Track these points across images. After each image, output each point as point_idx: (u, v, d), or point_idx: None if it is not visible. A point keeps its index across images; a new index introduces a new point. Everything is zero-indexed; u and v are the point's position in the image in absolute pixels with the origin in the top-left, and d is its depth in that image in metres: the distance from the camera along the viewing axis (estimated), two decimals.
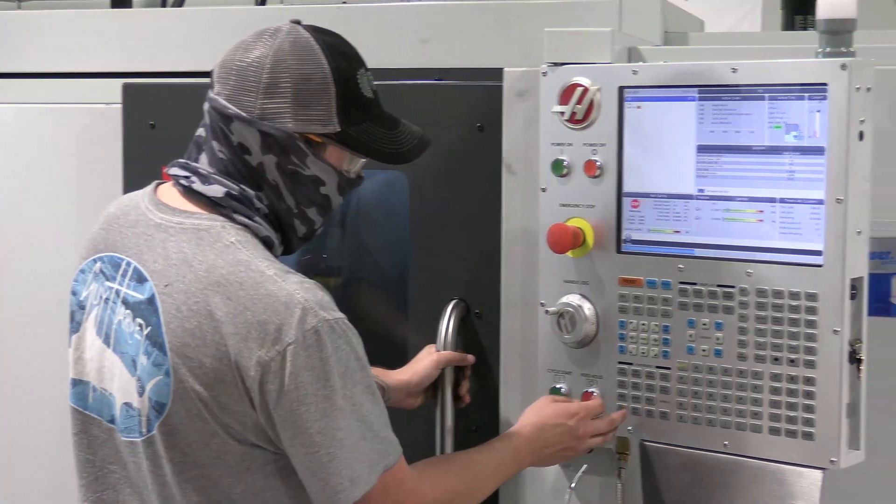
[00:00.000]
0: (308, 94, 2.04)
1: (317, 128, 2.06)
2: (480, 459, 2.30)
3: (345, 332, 2.00)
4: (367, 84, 2.13)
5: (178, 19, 3.09)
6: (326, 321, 1.97)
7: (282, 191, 2.08)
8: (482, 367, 2.64)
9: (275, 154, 2.05)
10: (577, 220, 2.43)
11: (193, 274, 1.99)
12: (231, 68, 2.07)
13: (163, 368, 1.99)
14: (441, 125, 2.66)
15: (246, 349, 1.94)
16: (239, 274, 1.97)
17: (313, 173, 2.09)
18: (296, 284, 1.98)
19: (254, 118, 2.04)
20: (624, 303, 2.41)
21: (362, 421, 2.01)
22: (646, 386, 2.39)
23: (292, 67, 2.04)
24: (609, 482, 2.54)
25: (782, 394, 2.25)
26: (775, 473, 2.29)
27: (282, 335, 1.94)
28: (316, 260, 3.10)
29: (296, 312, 1.95)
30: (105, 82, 3.02)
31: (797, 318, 2.23)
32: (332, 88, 2.05)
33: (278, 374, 1.94)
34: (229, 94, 2.06)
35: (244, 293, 1.95)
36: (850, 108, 2.16)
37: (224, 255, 1.99)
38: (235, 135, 2.05)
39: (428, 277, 2.70)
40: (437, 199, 2.68)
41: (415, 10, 2.84)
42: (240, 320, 1.95)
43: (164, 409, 2.00)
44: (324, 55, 2.06)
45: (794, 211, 2.24)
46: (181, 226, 2.05)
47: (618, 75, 2.39)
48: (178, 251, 2.02)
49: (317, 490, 2.01)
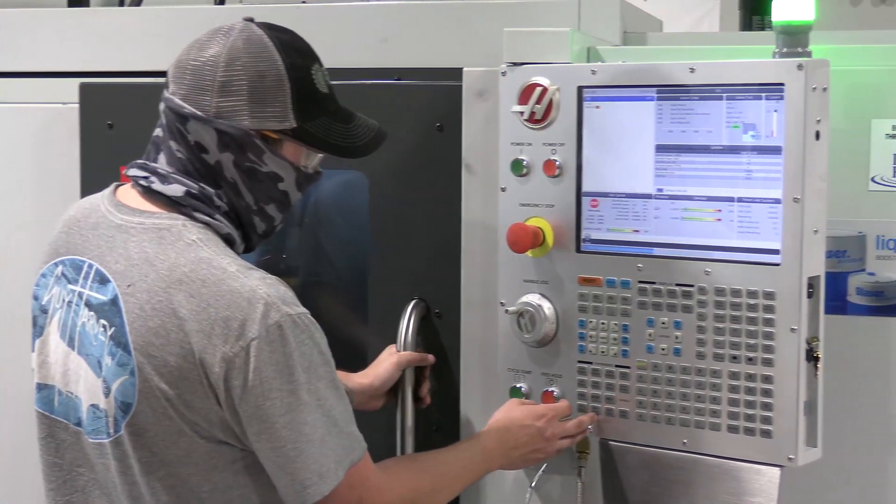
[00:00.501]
0: (263, 91, 2.04)
1: (273, 124, 2.06)
2: (447, 459, 2.30)
3: (308, 327, 2.00)
4: (322, 79, 2.14)
5: (135, 18, 3.07)
6: (289, 316, 1.97)
7: (240, 188, 2.08)
8: (442, 367, 2.64)
9: (231, 152, 2.06)
10: (536, 220, 2.44)
11: (156, 273, 1.99)
12: (185, 68, 2.07)
13: (128, 368, 1.99)
14: (400, 125, 2.65)
15: (210, 346, 1.94)
16: (201, 271, 1.97)
17: (271, 170, 2.09)
18: (258, 280, 1.98)
19: (209, 117, 2.04)
20: (583, 302, 2.41)
21: (328, 416, 2.01)
22: (605, 385, 2.40)
23: (247, 65, 2.04)
24: (569, 481, 2.55)
25: (741, 392, 2.27)
26: (734, 471, 2.30)
27: (245, 331, 1.94)
28: (275, 260, 3.09)
29: (258, 308, 1.95)
30: (62, 82, 3.00)
31: (755, 317, 2.24)
32: (287, 85, 2.06)
33: (242, 370, 1.94)
34: (185, 93, 2.06)
35: (207, 290, 1.96)
36: (806, 108, 2.18)
37: (186, 253, 1.99)
38: (192, 134, 2.06)
39: (388, 277, 2.70)
40: (397, 199, 2.68)
41: (374, 10, 2.84)
42: (203, 317, 1.95)
43: (131, 409, 2.00)
44: (278, 52, 2.06)
45: (751, 210, 2.25)
46: (142, 226, 2.05)
47: (577, 75, 2.40)
48: (139, 251, 2.02)
49: (285, 485, 2.01)
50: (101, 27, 3.04)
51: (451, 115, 2.61)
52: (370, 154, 2.23)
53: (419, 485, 2.21)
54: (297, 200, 2.18)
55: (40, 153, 3.05)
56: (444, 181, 2.63)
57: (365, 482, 2.07)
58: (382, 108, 2.66)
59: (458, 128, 2.61)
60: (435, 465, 2.28)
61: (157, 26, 2.97)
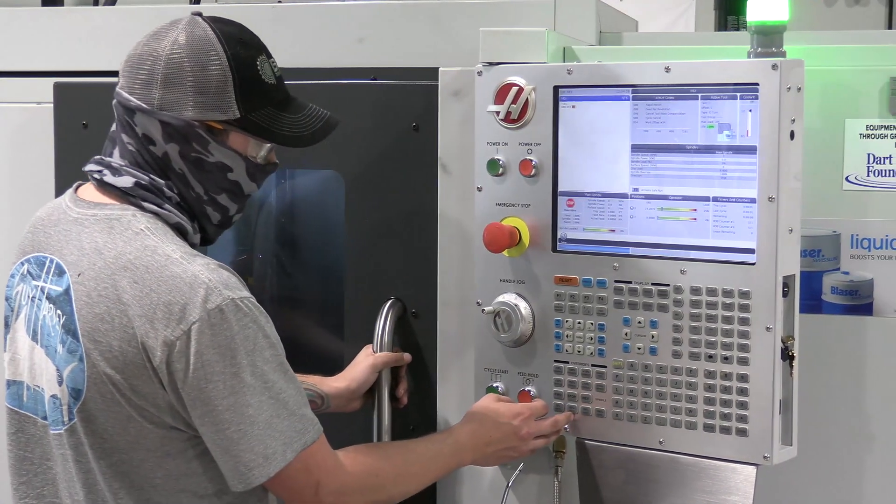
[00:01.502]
0: (206, 83, 2.08)
1: (216, 115, 2.09)
2: (416, 449, 2.30)
3: (251, 311, 2.01)
4: (269, 70, 2.16)
5: (110, 18, 3.06)
6: (231, 300, 1.99)
7: (189, 179, 2.12)
8: (419, 367, 2.64)
9: (177, 143, 2.09)
10: (512, 220, 2.44)
11: (103, 261, 2.03)
12: (133, 62, 2.12)
13: (76, 355, 2.03)
14: (376, 125, 2.66)
15: (152, 330, 1.97)
16: (145, 258, 2.01)
17: (218, 160, 2.12)
18: (201, 266, 2.01)
19: (154, 109, 2.08)
20: (560, 301, 2.42)
21: (275, 398, 2.02)
22: (582, 384, 2.41)
23: (190, 57, 2.08)
24: (546, 480, 2.55)
25: (716, 391, 2.27)
26: (710, 470, 2.31)
27: (186, 314, 1.97)
28: (250, 260, 3.09)
29: (199, 292, 1.98)
30: (36, 81, 2.99)
31: (730, 316, 2.25)
32: (230, 76, 2.09)
33: (184, 353, 1.97)
34: (131, 87, 2.11)
35: (150, 276, 1.99)
36: (781, 108, 2.19)
37: (133, 241, 2.04)
38: (139, 126, 2.10)
39: (364, 277, 2.69)
40: (373, 199, 2.68)
41: (350, 10, 2.84)
42: (146, 302, 1.98)
43: (81, 396, 2.04)
44: (220, 44, 2.10)
45: (727, 209, 2.26)
46: (94, 217, 2.09)
47: (552, 75, 2.40)
48: (90, 241, 2.07)
49: (230, 468, 2.02)
50: (76, 27, 3.02)
51: (426, 115, 2.61)
52: (318, 143, 2.23)
53: (381, 470, 2.20)
54: (253, 191, 2.20)
55: (15, 153, 3.04)
56: (420, 181, 2.63)
57: (321, 465, 2.07)
58: (358, 108, 2.66)
59: (433, 127, 2.61)
60: (401, 454, 2.28)
61: (131, 26, 2.94)
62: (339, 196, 2.73)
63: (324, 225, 3.10)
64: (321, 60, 2.79)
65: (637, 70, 2.33)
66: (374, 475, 2.18)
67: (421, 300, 2.64)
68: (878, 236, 2.42)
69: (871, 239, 2.42)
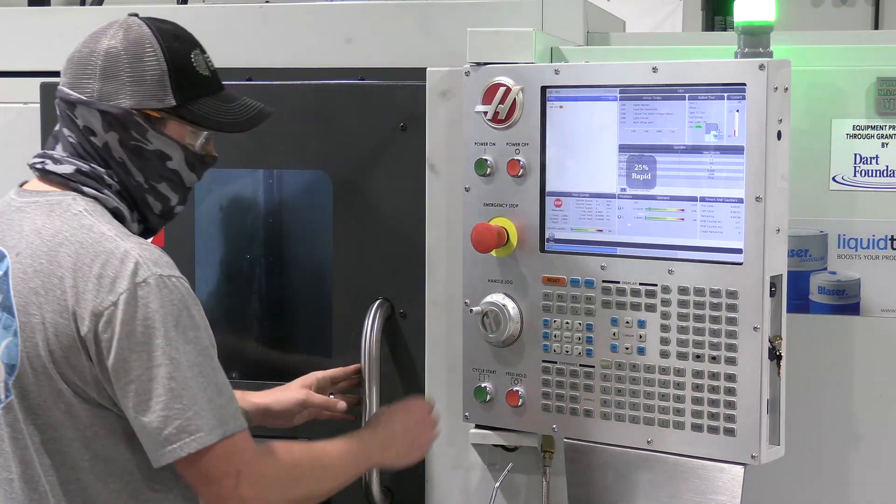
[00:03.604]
0: (142, 73, 2.18)
1: (153, 103, 2.18)
2: (325, 444, 2.30)
3: (177, 289, 2.06)
4: (203, 63, 2.25)
5: (97, 18, 3.02)
6: (160, 276, 2.05)
7: (129, 167, 2.20)
8: (407, 367, 2.64)
9: (116, 131, 2.18)
10: (500, 220, 2.44)
11: (41, 240, 2.11)
12: (73, 60, 2.21)
13: (11, 330, 2.10)
14: (364, 125, 2.65)
15: (83, 300, 2.04)
16: (81, 235, 2.09)
17: (156, 148, 2.20)
18: (134, 244, 2.08)
19: (93, 100, 2.18)
20: (548, 301, 2.42)
21: (201, 376, 2.04)
22: (570, 384, 2.41)
23: (127, 50, 2.18)
24: (535, 480, 2.55)
25: (704, 390, 2.28)
26: (698, 469, 2.31)
27: (115, 286, 2.03)
28: (239, 261, 3.08)
29: (129, 266, 2.04)
30: (23, 81, 2.98)
31: (718, 316, 2.25)
32: (165, 66, 2.19)
33: (110, 324, 2.02)
34: (72, 82, 2.20)
35: (84, 251, 2.07)
36: (768, 108, 2.19)
37: (70, 221, 2.11)
38: (80, 118, 2.19)
39: (352, 277, 2.69)
40: (361, 199, 2.68)
41: (338, 10, 2.83)
42: (79, 274, 2.05)
43: (15, 371, 2.10)
44: (156, 38, 2.20)
45: (714, 210, 2.26)
46: (36, 203, 2.17)
47: (540, 75, 2.40)
48: (31, 224, 2.14)
49: (151, 441, 2.04)
50: (63, 27, 3.01)
51: (414, 115, 2.61)
52: (251, 129, 2.30)
53: (301, 463, 2.21)
54: (193, 182, 2.27)
55: (1, 152, 3.02)
56: (408, 181, 2.63)
57: (243, 454, 2.08)
58: (346, 108, 2.66)
59: (421, 128, 2.61)
60: (318, 448, 2.28)
61: None
62: (327, 196, 2.72)
63: (311, 225, 3.10)
64: (309, 60, 2.79)
65: (624, 70, 2.33)
66: (295, 467, 2.19)
67: (409, 300, 2.64)
68: (864, 236, 2.43)
69: (857, 239, 2.43)
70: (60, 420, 2.08)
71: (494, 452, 2.59)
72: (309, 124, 2.69)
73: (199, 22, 2.78)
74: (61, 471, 2.10)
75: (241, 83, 2.74)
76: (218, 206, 3.07)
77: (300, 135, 2.70)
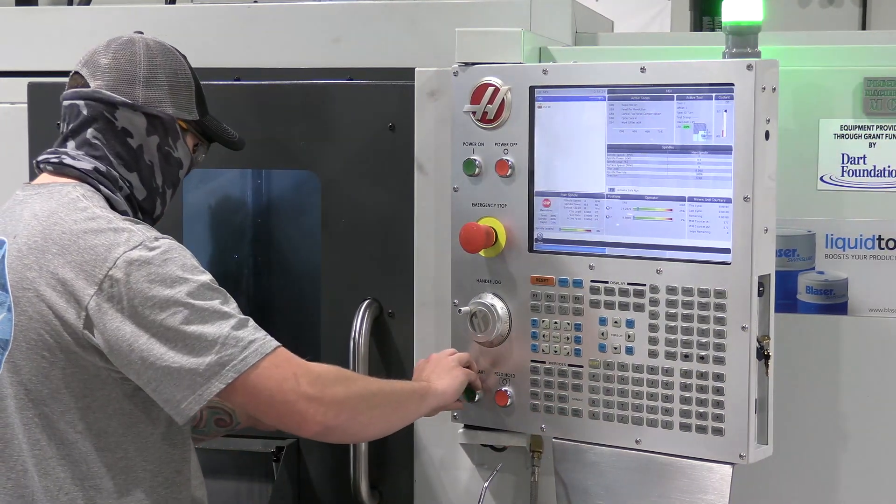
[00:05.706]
0: (178, 86, 2.30)
1: (186, 115, 2.31)
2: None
3: (172, 246, 2.11)
4: None
5: (84, 18, 3.04)
6: (155, 237, 2.11)
7: (155, 170, 2.29)
8: (395, 367, 2.64)
9: (158, 135, 2.28)
10: (489, 220, 2.44)
11: (37, 221, 2.16)
12: (107, 66, 2.26)
13: (5, 306, 2.14)
14: (352, 125, 2.65)
15: (81, 273, 2.07)
16: (75, 215, 2.14)
17: (179, 156, 2.32)
18: (126, 220, 2.15)
19: (139, 103, 2.25)
20: (536, 301, 2.42)
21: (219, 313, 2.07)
22: (558, 384, 2.41)
23: (164, 63, 2.29)
24: (523, 480, 2.55)
25: (692, 390, 2.28)
26: (686, 469, 2.31)
27: (110, 254, 2.07)
28: (228, 261, 3.08)
29: (123, 234, 2.10)
30: (10, 81, 2.97)
31: (706, 315, 2.26)
32: (192, 82, 2.33)
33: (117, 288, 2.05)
34: (113, 86, 2.25)
35: (77, 226, 2.12)
36: (755, 108, 2.19)
37: (67, 205, 2.16)
38: (120, 120, 2.25)
39: (340, 277, 2.69)
40: (349, 199, 2.68)
41: (325, 10, 2.83)
42: (73, 248, 2.10)
43: (8, 346, 2.13)
44: (179, 54, 2.33)
45: (702, 209, 2.27)
46: (38, 193, 2.22)
47: (528, 75, 2.40)
48: (30, 211, 2.20)
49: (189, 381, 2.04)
50: (50, 26, 3.01)
51: (403, 115, 2.61)
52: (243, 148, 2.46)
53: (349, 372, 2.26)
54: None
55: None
56: (396, 181, 2.63)
57: (291, 360, 2.12)
58: (334, 108, 2.66)
59: (410, 128, 2.61)
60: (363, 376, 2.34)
61: (105, 26, 2.94)
62: (315, 196, 2.72)
63: (300, 225, 3.09)
64: (296, 60, 2.78)
65: (613, 70, 2.34)
66: (344, 372, 2.24)
67: (397, 300, 2.64)
68: (852, 236, 2.43)
69: (845, 238, 2.44)
70: (52, 393, 2.11)
71: (483, 452, 2.59)
72: (297, 124, 2.68)
73: (187, 22, 2.79)
74: (52, 445, 2.12)
75: (230, 83, 2.74)
76: (206, 206, 3.07)
77: (288, 135, 2.70)
